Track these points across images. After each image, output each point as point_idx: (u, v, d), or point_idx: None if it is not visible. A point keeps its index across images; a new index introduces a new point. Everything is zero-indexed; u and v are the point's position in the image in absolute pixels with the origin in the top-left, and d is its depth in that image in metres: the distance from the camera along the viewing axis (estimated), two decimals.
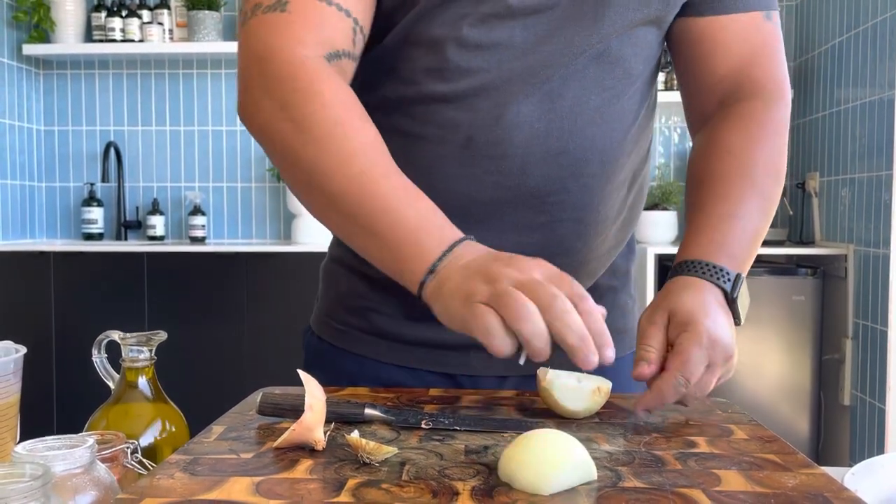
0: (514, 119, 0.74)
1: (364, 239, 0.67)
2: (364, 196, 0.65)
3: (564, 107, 0.75)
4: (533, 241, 0.77)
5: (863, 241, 2.49)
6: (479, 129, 0.74)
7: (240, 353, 2.63)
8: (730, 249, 0.73)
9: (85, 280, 2.66)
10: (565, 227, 0.78)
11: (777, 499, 0.46)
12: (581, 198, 0.77)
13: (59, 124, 3.16)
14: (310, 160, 0.67)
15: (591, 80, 0.75)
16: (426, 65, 0.75)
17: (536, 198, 0.76)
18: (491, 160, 0.75)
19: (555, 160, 0.75)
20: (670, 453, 0.55)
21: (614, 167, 0.79)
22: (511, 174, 0.75)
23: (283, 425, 0.61)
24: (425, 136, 0.76)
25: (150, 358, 0.68)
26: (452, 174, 0.75)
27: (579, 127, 0.75)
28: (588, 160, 0.76)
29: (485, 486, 0.48)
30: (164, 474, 0.49)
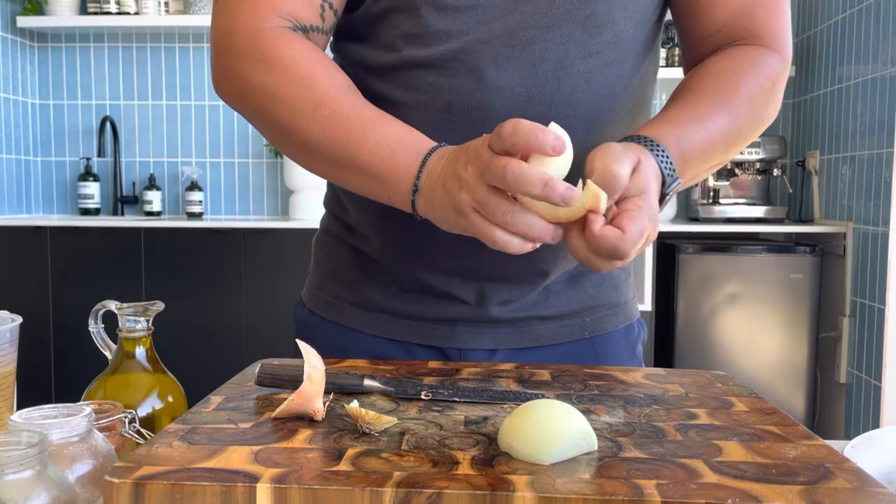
0: (494, 83, 0.73)
1: (352, 177, 0.70)
2: (338, 136, 0.68)
3: (547, 71, 0.73)
4: None
5: (862, 219, 2.49)
6: (459, 94, 0.73)
7: (237, 327, 2.64)
8: (687, 153, 0.70)
9: (82, 255, 2.65)
10: None
11: (778, 469, 0.46)
12: None
13: (55, 98, 3.13)
14: (285, 120, 0.70)
15: (575, 44, 0.73)
16: (405, 30, 0.74)
17: None
18: (472, 125, 0.74)
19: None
20: (671, 425, 0.55)
21: (601, 136, 0.76)
22: None
23: (282, 396, 0.61)
24: (407, 103, 0.75)
25: (147, 328, 0.67)
26: (433, 140, 0.74)
27: (563, 93, 0.74)
28: (573, 127, 0.74)
29: (485, 455, 0.47)
30: (162, 443, 0.49)
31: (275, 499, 0.42)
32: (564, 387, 0.66)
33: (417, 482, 0.42)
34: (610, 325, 0.87)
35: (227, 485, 0.42)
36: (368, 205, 0.81)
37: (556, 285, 0.83)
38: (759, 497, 0.41)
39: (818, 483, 0.43)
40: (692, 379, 0.69)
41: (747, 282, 2.63)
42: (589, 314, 0.86)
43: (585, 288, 0.85)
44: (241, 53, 0.71)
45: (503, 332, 0.83)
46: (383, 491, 0.41)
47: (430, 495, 0.41)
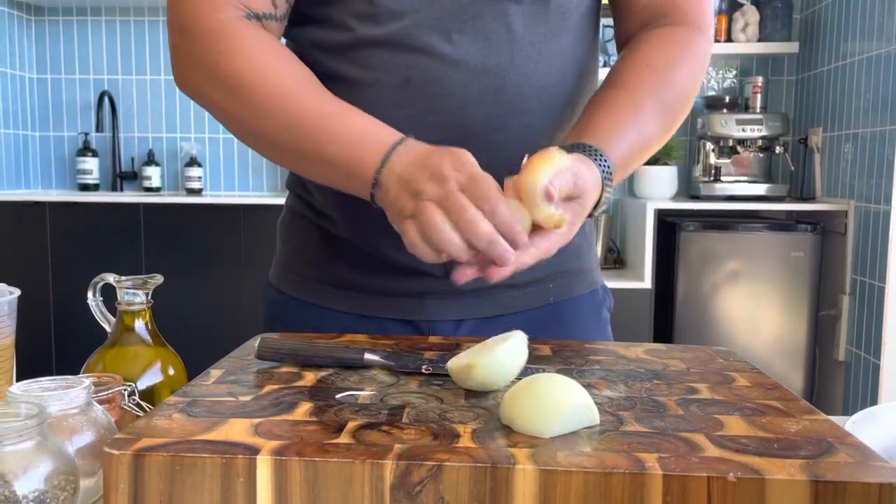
0: (449, 58, 0.74)
1: (319, 169, 0.71)
2: (302, 129, 0.68)
3: (500, 44, 0.74)
4: None
5: (864, 197, 2.48)
6: (415, 70, 0.74)
7: (236, 303, 2.64)
8: (625, 159, 0.73)
9: (81, 231, 2.64)
10: (507, 165, 0.76)
11: (780, 443, 0.45)
12: (522, 136, 0.77)
13: (52, 72, 3.10)
14: (247, 117, 0.70)
15: (524, 16, 0.75)
16: (357, 10, 0.74)
17: (478, 137, 0.76)
18: (429, 100, 0.75)
19: (493, 98, 0.75)
20: (672, 399, 0.54)
21: (555, 105, 0.79)
22: (450, 113, 0.75)
23: (283, 369, 0.61)
24: (364, 81, 0.76)
25: (146, 301, 0.67)
26: (393, 116, 0.74)
27: (516, 64, 0.75)
28: (527, 97, 0.76)
29: (485, 428, 0.47)
30: (161, 415, 0.49)
31: (275, 471, 0.42)
32: (565, 361, 0.65)
33: (418, 455, 0.42)
34: (574, 291, 0.89)
35: (226, 457, 0.42)
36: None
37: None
38: (761, 470, 0.41)
39: (820, 457, 0.43)
40: (693, 354, 0.69)
41: (748, 260, 2.63)
42: (552, 280, 0.87)
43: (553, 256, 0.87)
44: (201, 47, 0.71)
45: (470, 301, 0.84)
46: (384, 463, 0.41)
47: (431, 468, 0.41)
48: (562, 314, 0.88)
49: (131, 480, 0.42)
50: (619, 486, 0.41)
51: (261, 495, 0.42)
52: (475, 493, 0.41)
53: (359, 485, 0.41)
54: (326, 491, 0.41)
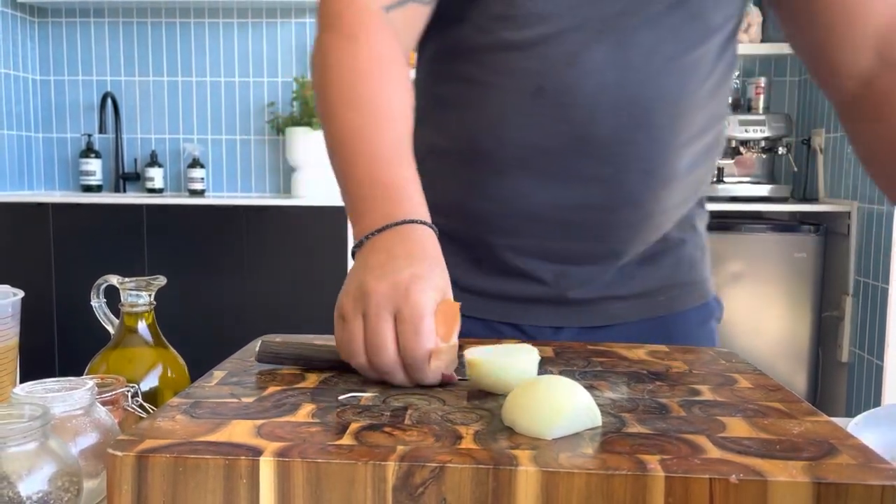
0: (585, 67, 0.73)
1: (340, 184, 0.68)
2: (348, 148, 0.66)
3: (637, 55, 0.73)
4: (598, 193, 0.77)
5: (867, 197, 2.47)
6: (549, 78, 0.73)
7: (239, 304, 2.64)
8: None
9: (84, 232, 2.65)
10: (632, 179, 0.77)
11: (782, 445, 0.45)
12: (649, 150, 0.76)
13: (55, 74, 3.11)
14: (327, 99, 0.69)
15: (666, 29, 0.74)
16: (497, 11, 0.74)
17: (604, 148, 0.75)
18: (560, 108, 0.74)
19: (625, 110, 0.74)
20: (674, 401, 0.54)
21: (685, 121, 0.77)
22: (580, 123, 0.74)
23: (285, 371, 0.61)
24: (496, 85, 0.75)
25: (149, 303, 0.67)
26: (521, 123, 0.74)
27: (651, 77, 0.74)
28: (658, 111, 0.75)
29: (488, 430, 0.47)
30: (164, 416, 0.49)
31: (278, 472, 0.42)
32: (567, 363, 0.65)
33: (420, 456, 0.42)
34: (686, 304, 0.88)
35: (230, 458, 0.42)
36: (450, 185, 0.82)
37: (630, 266, 0.84)
38: (763, 472, 0.41)
39: (822, 459, 0.43)
40: (696, 356, 0.69)
41: (751, 261, 2.62)
42: (664, 293, 0.86)
43: (661, 268, 0.86)
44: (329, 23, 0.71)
45: (575, 310, 0.84)
46: (386, 465, 0.41)
47: (433, 469, 0.41)
48: (667, 326, 0.86)
49: (135, 482, 0.43)
50: (622, 488, 0.41)
51: (264, 496, 0.42)
52: (477, 494, 0.41)
53: (361, 486, 0.41)
54: (329, 492, 0.42)
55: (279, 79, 3.07)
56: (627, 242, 0.82)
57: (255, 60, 3.07)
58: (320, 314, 2.56)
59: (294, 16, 3.05)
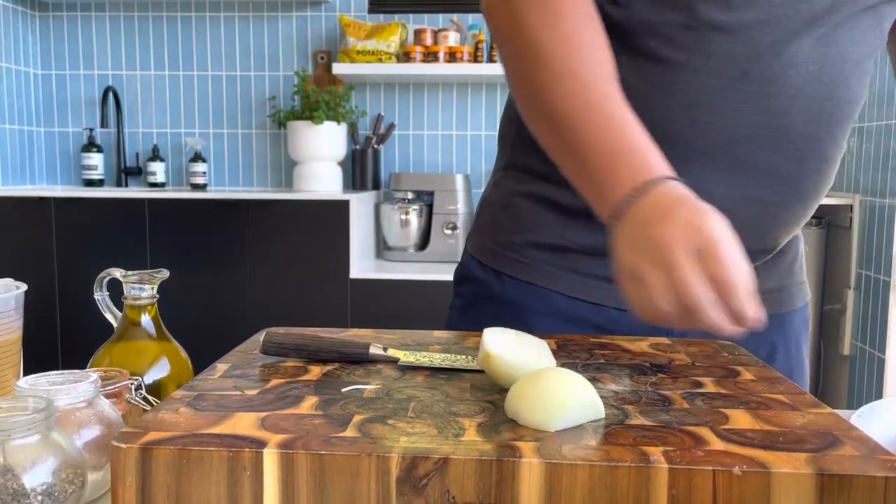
0: (792, 58, 0.73)
1: (567, 160, 0.68)
2: (575, 115, 0.66)
3: (835, 53, 0.74)
4: (772, 187, 0.77)
5: (869, 191, 2.47)
6: (756, 63, 0.72)
7: (241, 298, 2.64)
8: None
9: (87, 226, 2.65)
10: (806, 175, 0.77)
11: (786, 437, 0.45)
12: (825, 148, 0.77)
13: (57, 68, 3.11)
14: (531, 69, 0.69)
15: (860, 31, 0.75)
16: None
17: (792, 142, 0.75)
18: (762, 97, 0.73)
19: (819, 105, 0.75)
20: (677, 393, 0.54)
21: (851, 123, 0.79)
22: (777, 114, 0.74)
23: (288, 364, 0.61)
24: (694, 66, 0.73)
25: (152, 296, 0.67)
26: (719, 108, 0.73)
27: (843, 76, 0.75)
28: (843, 111, 0.76)
29: (491, 422, 0.47)
30: (168, 409, 0.49)
31: (281, 464, 0.42)
32: (570, 356, 0.65)
33: (424, 448, 0.42)
34: (794, 303, 0.89)
35: (233, 450, 0.42)
36: None
37: (761, 261, 0.85)
38: (767, 464, 0.41)
39: (826, 450, 0.43)
40: (698, 348, 0.69)
41: None
42: (782, 291, 0.88)
43: (783, 266, 0.88)
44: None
45: None
46: (390, 457, 0.41)
47: (437, 461, 0.41)
48: (783, 323, 0.87)
49: (139, 474, 0.43)
50: (625, 480, 0.41)
51: (267, 488, 0.42)
52: (481, 486, 0.41)
53: (365, 478, 0.41)
54: (333, 484, 0.42)
55: (280, 72, 3.06)
56: (780, 239, 0.83)
57: (256, 54, 3.06)
58: (323, 307, 2.56)
59: (295, 9, 3.05)
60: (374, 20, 2.97)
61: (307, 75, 2.91)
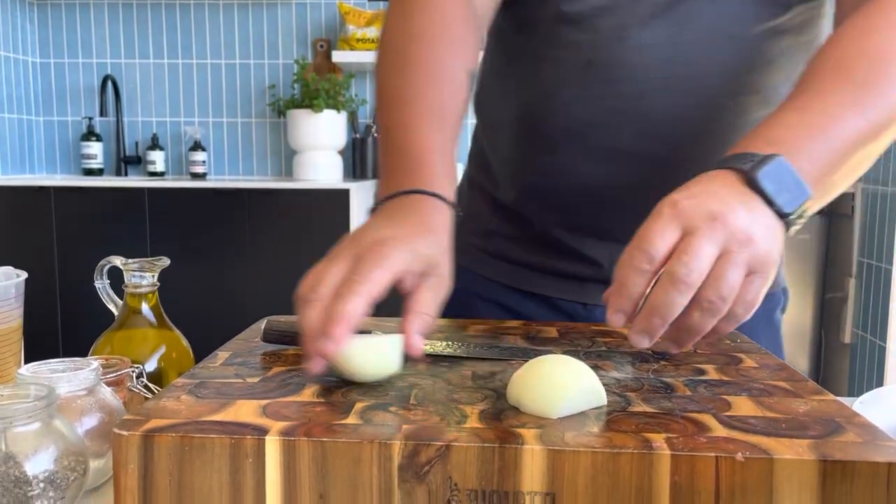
0: (634, 42, 0.71)
1: (386, 136, 0.68)
2: (387, 111, 0.67)
3: (694, 32, 0.71)
4: (654, 173, 0.75)
5: (871, 178, 2.46)
6: (600, 52, 0.72)
7: (242, 287, 2.64)
8: (772, 135, 0.57)
9: (87, 215, 2.64)
10: (690, 160, 0.74)
11: (788, 423, 0.45)
12: (709, 130, 0.74)
13: (55, 56, 3.09)
14: (380, 62, 0.71)
15: (731, 4, 0.71)
16: None
17: (657, 126, 0.73)
18: (609, 84, 0.72)
19: (677, 87, 0.72)
20: (679, 380, 0.54)
21: (754, 99, 0.73)
22: (629, 99, 0.73)
23: (290, 352, 0.61)
24: (549, 58, 0.75)
25: (152, 284, 0.67)
26: (572, 97, 0.73)
27: (709, 54, 0.71)
28: (717, 90, 0.72)
29: (493, 409, 0.47)
30: (169, 397, 0.49)
31: (283, 451, 0.42)
32: (572, 343, 0.65)
33: (426, 435, 0.42)
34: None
35: (235, 437, 0.42)
36: (507, 158, 0.82)
37: None
38: (770, 450, 0.41)
39: (828, 437, 0.43)
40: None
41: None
42: None
43: None
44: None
45: None
46: (392, 444, 0.41)
47: (439, 448, 0.41)
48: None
49: (140, 461, 0.43)
50: (628, 466, 0.41)
51: (270, 475, 0.42)
52: (483, 472, 0.41)
53: (367, 465, 0.41)
54: (335, 471, 0.42)
55: (280, 61, 3.05)
56: None
57: (255, 42, 3.05)
58: None
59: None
60: (374, 7, 2.95)
61: (307, 63, 2.90)
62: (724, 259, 0.48)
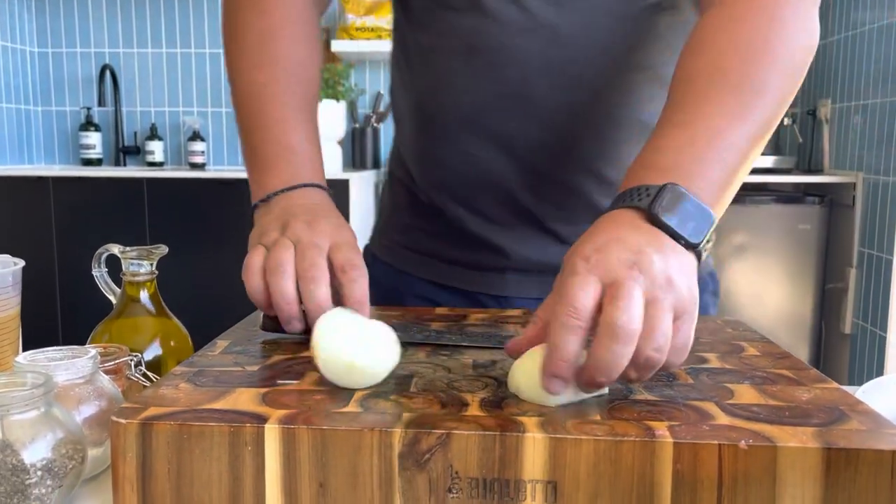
0: (516, 24, 0.70)
1: (244, 143, 0.74)
2: (256, 105, 0.71)
3: (573, 13, 0.70)
4: (547, 159, 0.74)
5: (872, 168, 2.46)
6: (479, 36, 0.71)
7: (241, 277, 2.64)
8: (663, 162, 0.54)
9: (86, 206, 2.64)
10: (580, 145, 0.74)
11: (792, 411, 0.45)
12: (596, 112, 0.72)
13: (53, 46, 3.08)
14: (236, 59, 0.74)
15: None
16: None
17: (543, 111, 0.72)
18: (492, 69, 0.71)
19: (559, 71, 0.71)
20: (681, 368, 0.54)
21: (643, 77, 0.72)
22: (512, 84, 0.71)
23: (289, 340, 0.60)
24: (435, 47, 0.74)
25: (151, 272, 0.66)
26: (458, 85, 0.72)
27: (592, 34, 0.70)
28: (601, 71, 0.71)
29: (494, 397, 0.47)
30: (168, 385, 0.48)
31: (283, 440, 0.42)
32: None
33: (427, 423, 0.42)
34: None
35: (234, 425, 0.42)
36: (409, 151, 0.82)
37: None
38: (773, 438, 0.40)
39: (832, 425, 0.43)
40: (702, 324, 0.68)
41: (754, 232, 2.61)
42: None
43: None
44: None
45: (552, 280, 0.80)
46: (392, 432, 0.41)
47: (440, 436, 0.41)
48: None
49: (139, 449, 0.42)
50: (630, 454, 0.40)
51: (269, 463, 0.42)
52: (484, 460, 0.41)
53: (367, 453, 0.41)
54: (335, 459, 0.41)
55: None
56: (585, 207, 0.76)
57: None
58: None
59: None
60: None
61: None
62: (652, 307, 0.45)
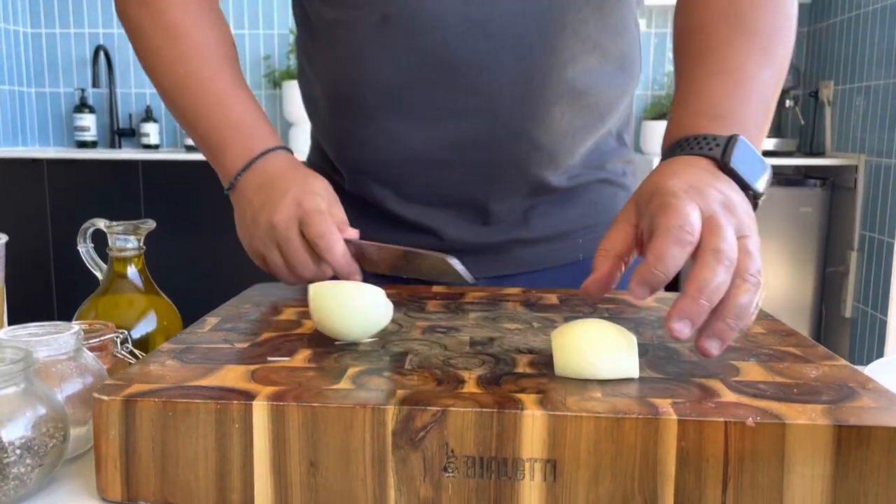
0: None
1: (192, 136, 0.75)
2: (188, 98, 0.72)
3: None
4: (471, 127, 0.71)
5: (875, 151, 2.43)
6: (392, 4, 0.68)
7: (236, 259, 2.61)
8: (716, 110, 0.59)
9: (80, 188, 2.61)
10: (505, 106, 0.70)
11: (800, 389, 0.43)
12: (519, 72, 0.69)
13: (46, 27, 3.04)
14: (148, 64, 0.75)
15: None
16: None
17: (465, 76, 0.69)
18: (408, 38, 0.68)
19: (480, 31, 0.67)
20: (685, 346, 0.52)
21: (564, 35, 0.69)
22: (431, 51, 0.68)
23: (281, 317, 0.59)
24: (345, 21, 0.71)
25: (138, 248, 0.65)
26: (372, 59, 0.69)
27: None
28: (521, 28, 0.68)
29: (491, 374, 0.45)
30: (154, 362, 0.47)
31: (272, 417, 0.40)
32: (573, 310, 0.63)
33: (421, 400, 0.40)
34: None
35: (221, 402, 0.40)
36: (328, 136, 0.79)
37: (543, 205, 0.78)
38: (781, 415, 0.39)
39: (842, 402, 0.41)
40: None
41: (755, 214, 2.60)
42: (581, 234, 0.80)
43: (577, 207, 0.80)
44: None
45: (490, 259, 0.79)
46: (385, 408, 0.39)
47: (435, 413, 0.39)
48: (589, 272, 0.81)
49: (122, 427, 0.41)
50: (632, 432, 0.39)
51: (258, 441, 0.40)
52: (481, 438, 0.39)
53: (360, 430, 0.39)
54: (326, 437, 0.40)
55: (275, 31, 3.00)
56: (518, 180, 0.75)
57: (250, 12, 2.99)
58: None
59: None
60: None
61: None
62: (742, 243, 0.47)
